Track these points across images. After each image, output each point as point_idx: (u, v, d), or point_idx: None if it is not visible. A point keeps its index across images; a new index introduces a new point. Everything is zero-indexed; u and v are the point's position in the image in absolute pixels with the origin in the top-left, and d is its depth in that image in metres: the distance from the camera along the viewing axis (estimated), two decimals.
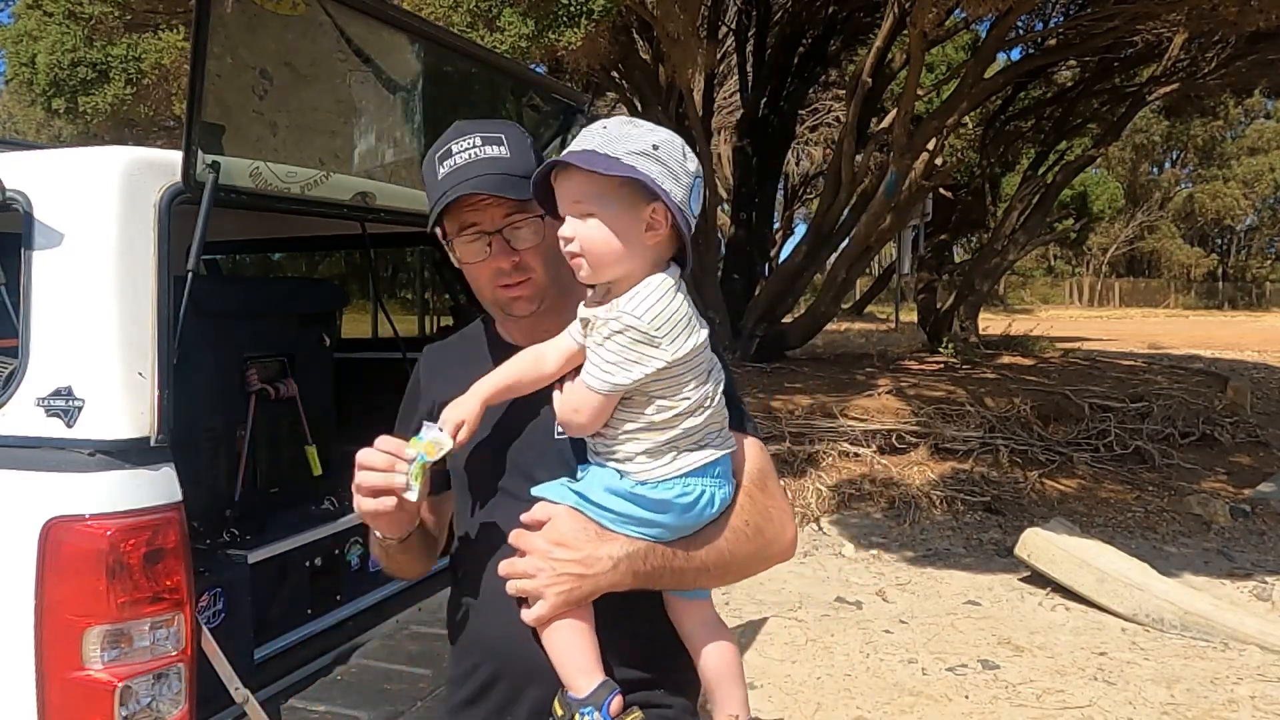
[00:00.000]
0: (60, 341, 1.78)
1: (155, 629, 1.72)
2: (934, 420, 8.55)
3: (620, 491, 1.40)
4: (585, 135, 1.36)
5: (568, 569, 1.40)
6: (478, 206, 1.50)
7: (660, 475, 1.39)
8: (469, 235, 1.52)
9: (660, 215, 1.35)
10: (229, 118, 2.09)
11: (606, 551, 1.41)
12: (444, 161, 1.51)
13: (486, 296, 1.58)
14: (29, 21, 10.20)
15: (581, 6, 6.24)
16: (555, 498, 1.45)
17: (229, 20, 2.00)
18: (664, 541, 1.43)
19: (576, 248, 1.35)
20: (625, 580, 1.41)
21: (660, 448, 1.39)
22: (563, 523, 1.41)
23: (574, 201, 1.35)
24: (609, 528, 1.42)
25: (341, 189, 2.27)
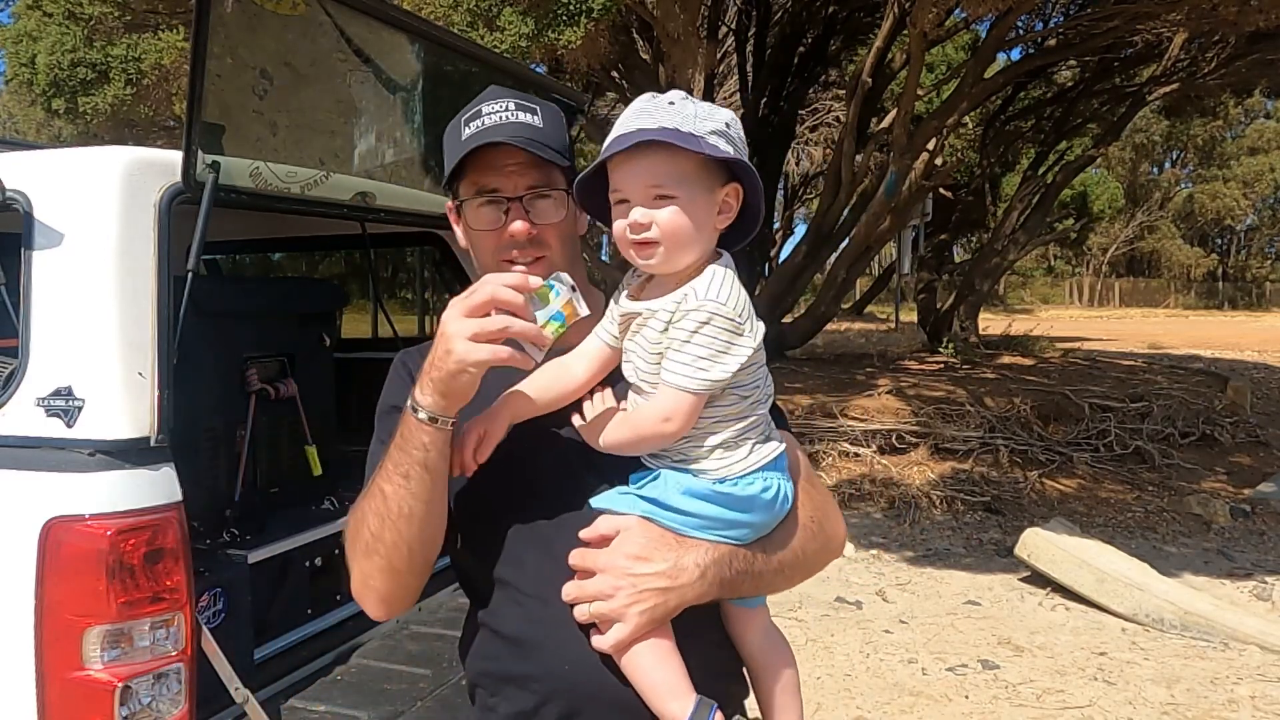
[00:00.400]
0: (60, 341, 1.78)
1: (155, 629, 1.72)
2: (934, 420, 8.55)
3: (702, 493, 1.29)
4: (653, 112, 1.24)
5: (650, 584, 1.27)
6: (502, 170, 1.38)
7: (740, 470, 1.29)
8: (485, 198, 1.40)
9: (734, 198, 1.28)
10: (229, 118, 2.09)
11: (692, 559, 1.28)
12: (471, 122, 1.40)
13: (490, 270, 1.38)
14: (29, 21, 10.20)
15: (581, 6, 6.25)
16: (623, 508, 1.31)
17: (229, 20, 2.00)
18: (744, 544, 1.32)
19: (654, 234, 1.23)
20: (711, 590, 1.30)
21: (736, 440, 1.30)
22: (636, 534, 1.29)
23: (651, 184, 1.23)
24: (689, 534, 1.30)
25: (341, 189, 2.27)
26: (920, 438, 8.33)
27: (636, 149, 1.21)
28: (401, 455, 1.27)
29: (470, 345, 1.17)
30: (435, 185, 2.75)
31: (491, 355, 1.17)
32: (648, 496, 1.30)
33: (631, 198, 1.24)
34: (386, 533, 1.30)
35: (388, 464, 1.28)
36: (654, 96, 1.27)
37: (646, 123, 1.22)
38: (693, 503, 1.29)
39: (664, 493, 1.29)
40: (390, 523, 1.29)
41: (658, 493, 1.30)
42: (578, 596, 1.29)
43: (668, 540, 1.28)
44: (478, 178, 1.40)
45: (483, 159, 1.37)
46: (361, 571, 1.36)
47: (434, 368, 1.22)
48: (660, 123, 1.21)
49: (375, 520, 1.31)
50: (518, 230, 1.38)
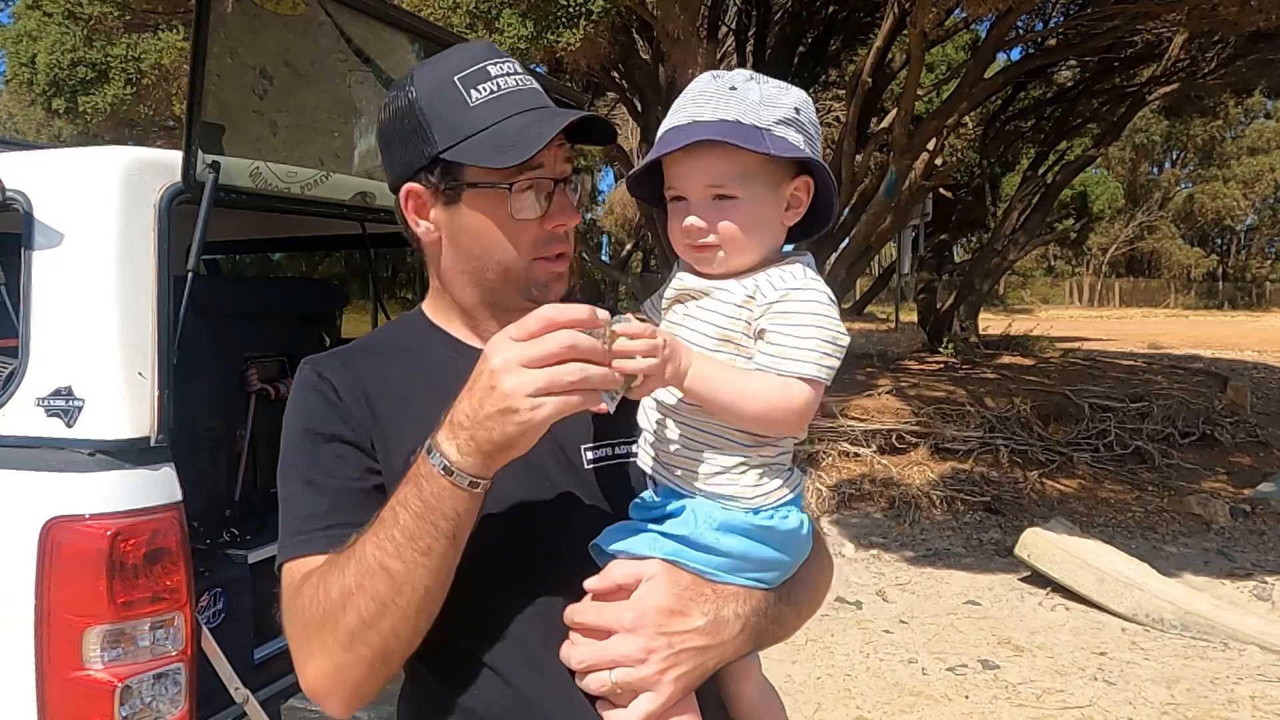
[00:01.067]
0: (60, 341, 1.78)
1: (155, 629, 1.72)
2: (934, 420, 8.55)
3: (741, 528, 1.09)
4: (712, 99, 1.09)
5: (688, 643, 1.06)
6: (549, 147, 1.14)
7: (776, 499, 1.11)
8: (526, 181, 1.15)
9: (804, 192, 1.14)
10: (229, 118, 2.09)
11: (732, 610, 1.09)
12: (479, 84, 1.14)
13: (510, 272, 1.18)
14: (29, 21, 10.21)
15: (581, 7, 6.24)
16: (641, 549, 1.09)
17: (229, 20, 2.00)
18: (773, 587, 1.14)
19: (714, 239, 1.10)
20: (748, 644, 1.12)
21: (774, 463, 1.13)
22: (665, 582, 1.07)
23: (710, 184, 1.10)
24: (719, 578, 1.09)
25: (341, 189, 2.27)
26: (920, 438, 8.33)
27: (694, 144, 1.07)
28: (421, 525, 1.00)
29: (536, 403, 0.94)
30: None
31: (561, 408, 0.95)
32: (674, 534, 1.09)
33: (689, 196, 1.12)
34: (389, 619, 1.03)
35: (394, 534, 1.01)
36: (716, 76, 1.12)
37: (704, 113, 1.09)
38: (730, 540, 1.09)
39: (694, 529, 1.08)
40: (399, 608, 1.02)
41: (687, 529, 1.09)
42: (594, 663, 1.06)
43: (701, 589, 1.08)
44: None
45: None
46: (335, 664, 1.06)
47: (481, 426, 0.96)
48: (719, 114, 1.08)
49: (372, 605, 1.02)
50: (571, 220, 1.17)
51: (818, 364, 1.05)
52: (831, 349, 1.06)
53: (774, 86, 1.11)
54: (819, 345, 1.05)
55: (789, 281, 1.08)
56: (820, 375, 1.06)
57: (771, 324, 1.07)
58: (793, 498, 1.14)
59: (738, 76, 1.11)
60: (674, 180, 1.13)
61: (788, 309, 1.06)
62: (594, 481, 1.17)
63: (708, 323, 1.11)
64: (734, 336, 1.09)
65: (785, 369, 1.05)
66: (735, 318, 1.09)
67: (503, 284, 1.19)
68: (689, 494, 1.11)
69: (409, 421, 1.15)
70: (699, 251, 1.12)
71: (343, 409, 1.17)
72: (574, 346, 0.95)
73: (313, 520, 1.14)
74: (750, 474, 1.10)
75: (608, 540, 1.12)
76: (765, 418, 1.07)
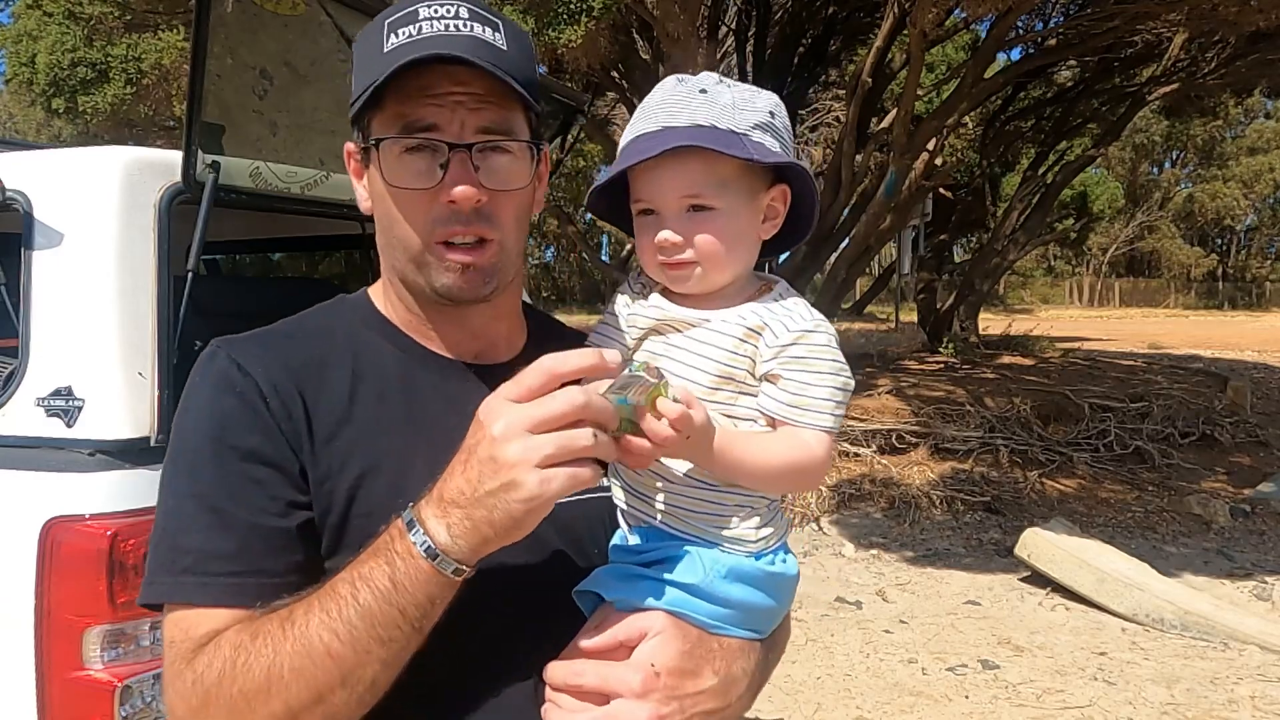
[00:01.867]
0: (60, 341, 1.78)
1: (155, 629, 1.72)
2: (934, 420, 8.55)
3: (752, 575, 1.02)
4: (682, 103, 1.01)
5: (700, 705, 0.95)
6: (445, 100, 0.95)
7: (774, 543, 1.05)
8: (416, 139, 0.96)
9: (781, 201, 1.07)
10: (229, 118, 2.09)
11: (741, 666, 0.99)
12: (399, 29, 0.96)
13: (412, 252, 1.00)
14: (29, 21, 10.21)
15: (581, 5, 6.25)
16: (645, 599, 0.97)
17: (229, 20, 2.00)
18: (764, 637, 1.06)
19: (690, 254, 1.02)
20: (748, 705, 1.02)
21: (771, 504, 1.05)
22: (673, 639, 0.96)
23: (685, 195, 1.01)
24: (723, 630, 1.00)
25: (341, 189, 2.27)
26: (920, 438, 8.34)
27: (668, 152, 0.97)
28: (385, 610, 0.84)
29: (545, 475, 0.80)
30: None
31: (573, 483, 0.82)
32: (679, 582, 0.98)
33: (660, 209, 1.02)
34: (322, 710, 0.86)
35: (349, 615, 0.84)
36: (682, 80, 1.03)
37: (675, 118, 1.00)
38: (740, 590, 1.00)
39: (703, 577, 0.99)
40: (339, 701, 0.86)
41: (695, 577, 0.98)
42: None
43: (708, 644, 0.98)
44: (405, 108, 0.96)
45: (416, 83, 0.95)
46: None
47: (479, 505, 0.82)
48: (693, 119, 0.99)
49: (305, 694, 0.85)
50: (462, 195, 0.95)
51: (833, 414, 1.01)
52: (844, 396, 1.02)
53: (745, 90, 1.04)
54: (833, 395, 1.01)
55: (800, 323, 1.01)
56: (835, 427, 1.01)
57: (786, 370, 1.00)
58: (783, 540, 1.08)
59: (706, 79, 1.04)
60: (644, 192, 1.03)
61: (802, 354, 1.00)
62: (565, 521, 0.97)
63: (705, 357, 1.01)
64: (736, 375, 1.01)
65: (805, 421, 1.00)
66: (738, 353, 1.01)
67: (412, 268, 1.01)
68: (682, 535, 1.02)
69: (350, 437, 0.97)
70: (674, 269, 1.03)
71: (266, 419, 0.95)
72: (587, 406, 0.81)
73: (214, 562, 0.92)
74: (754, 517, 1.03)
75: (598, 586, 1.00)
76: (790, 479, 1.03)
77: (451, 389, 1.04)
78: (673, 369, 1.01)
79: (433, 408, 1.02)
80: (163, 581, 0.95)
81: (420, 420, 1.01)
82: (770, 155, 1.01)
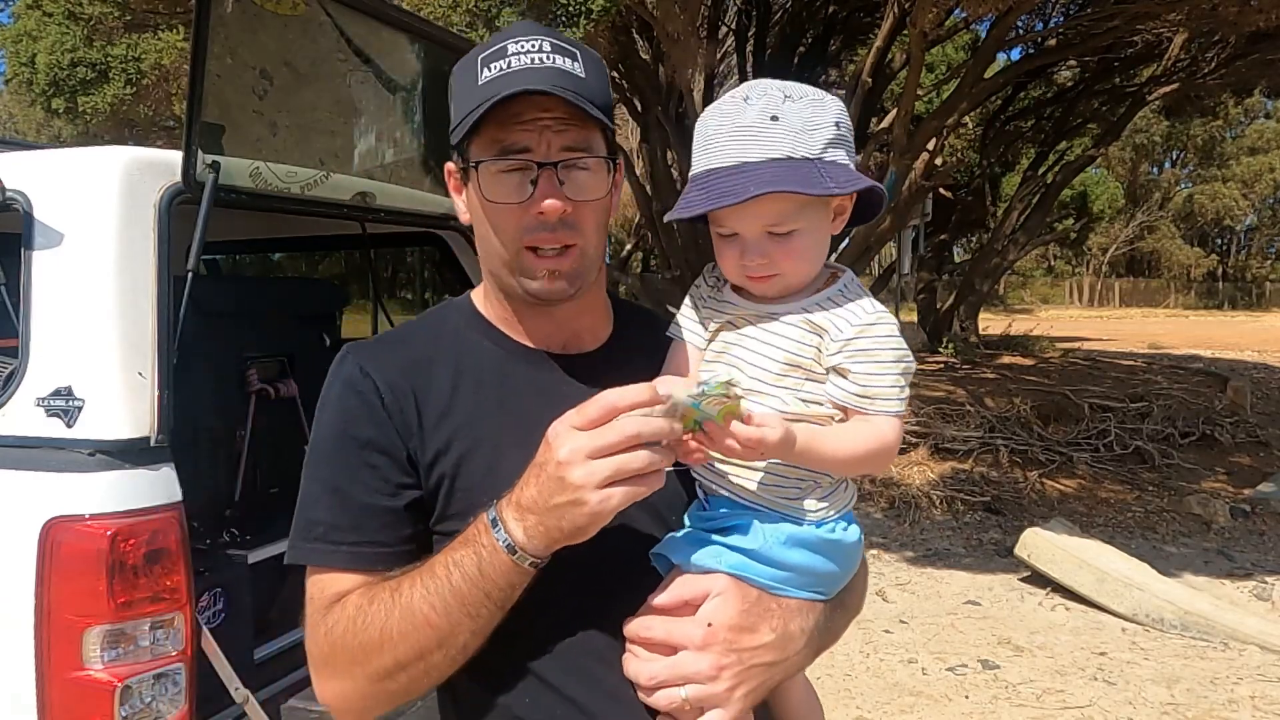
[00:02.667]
0: (60, 341, 1.78)
1: (155, 629, 1.72)
2: (934, 420, 8.55)
3: (810, 542, 1.10)
4: (754, 133, 1.05)
5: (758, 659, 1.06)
6: (533, 125, 1.08)
7: (836, 513, 1.13)
8: (510, 163, 1.09)
9: (849, 202, 1.14)
10: (229, 118, 2.09)
11: (798, 625, 1.09)
12: (492, 63, 1.09)
13: (505, 258, 1.14)
14: (29, 21, 10.21)
15: (580, 6, 6.25)
16: (710, 562, 1.09)
17: (229, 20, 2.00)
18: (829, 599, 1.15)
19: (773, 269, 1.10)
20: (809, 659, 1.13)
21: (834, 480, 1.14)
22: (734, 598, 1.07)
23: (768, 225, 1.08)
24: (785, 592, 1.10)
25: (341, 189, 2.28)
26: (920, 438, 8.33)
27: None
28: (473, 591, 1.00)
29: (604, 494, 0.94)
30: (435, 185, 2.75)
31: (629, 497, 0.95)
32: (740, 548, 1.08)
33: (745, 234, 1.09)
34: (424, 665, 1.05)
35: (445, 593, 1.02)
36: (747, 102, 1.07)
37: (750, 151, 1.05)
38: (798, 554, 1.09)
39: (764, 543, 1.08)
40: (437, 659, 1.04)
41: (755, 543, 1.08)
42: (666, 679, 1.05)
43: (767, 604, 1.08)
44: (500, 134, 1.09)
45: (508, 111, 1.08)
46: (361, 693, 1.09)
47: (549, 514, 0.96)
48: (768, 152, 1.04)
49: (410, 653, 1.04)
50: (550, 208, 1.08)
51: (899, 399, 1.09)
52: (906, 380, 1.09)
53: (811, 102, 1.08)
54: (897, 380, 1.08)
55: (863, 316, 1.08)
56: (903, 409, 1.09)
57: (853, 363, 1.07)
58: (849, 510, 1.16)
59: (772, 96, 1.07)
60: (725, 221, 1.10)
61: (867, 347, 1.07)
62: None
63: (773, 346, 1.10)
64: (803, 363, 1.10)
65: (875, 409, 1.08)
66: (804, 343, 1.09)
67: (506, 272, 1.15)
68: (751, 505, 1.10)
69: (452, 424, 1.14)
70: (760, 282, 1.11)
71: (381, 415, 1.13)
72: (638, 435, 0.94)
73: (336, 532, 1.12)
74: (817, 489, 1.11)
75: (670, 550, 1.11)
76: (867, 464, 1.11)
77: (540, 378, 1.19)
78: (744, 358, 1.11)
79: (524, 395, 1.17)
80: (299, 547, 1.16)
81: (512, 407, 1.16)
82: (847, 182, 1.06)
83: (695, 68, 8.83)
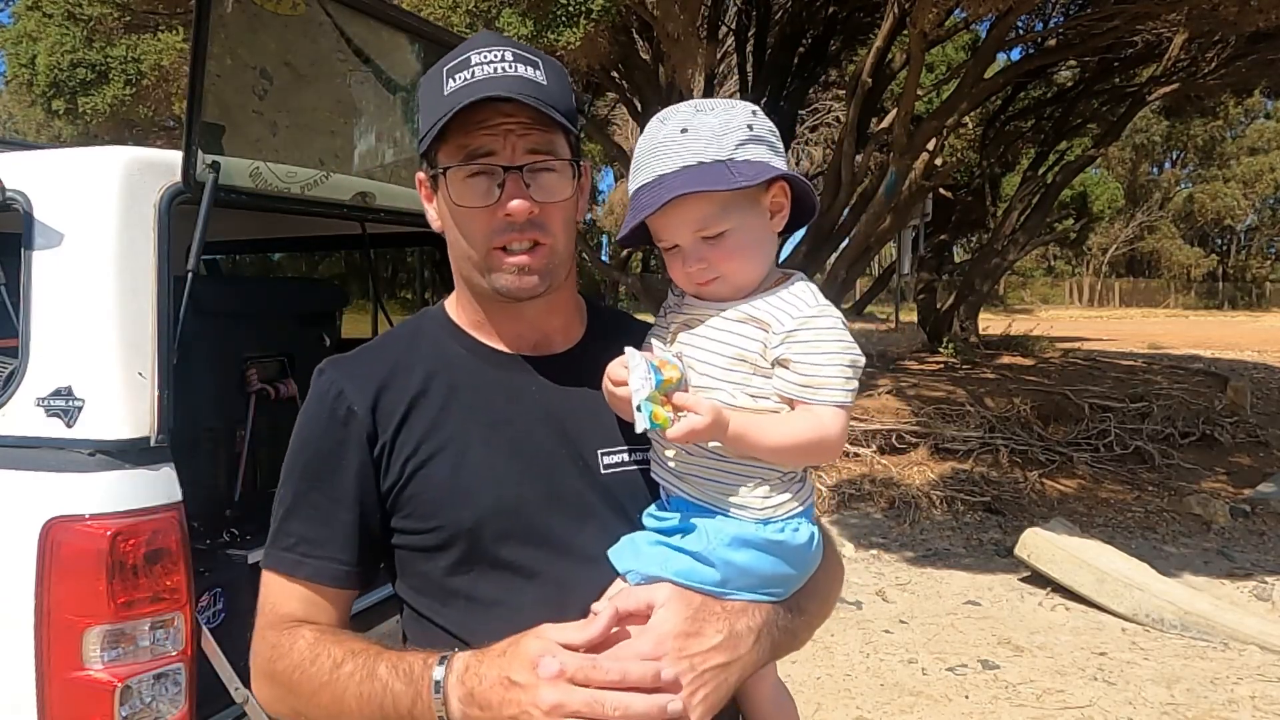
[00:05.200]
0: (60, 341, 1.78)
1: (155, 629, 1.72)
2: (934, 420, 8.55)
3: (755, 542, 1.12)
4: (668, 149, 1.12)
5: (710, 661, 1.06)
6: (497, 130, 1.12)
7: (785, 512, 1.14)
8: (476, 166, 1.13)
9: (783, 195, 1.18)
10: (229, 118, 2.09)
11: (745, 624, 1.10)
12: (456, 74, 1.13)
13: (475, 259, 1.17)
14: (29, 22, 10.21)
15: (580, 6, 6.24)
16: (653, 565, 1.11)
17: (229, 20, 2.00)
18: (783, 600, 1.16)
19: (715, 273, 1.14)
20: (765, 656, 1.13)
21: (785, 475, 1.15)
22: (678, 605, 1.09)
23: (695, 230, 1.13)
24: (729, 596, 1.11)
25: (341, 189, 2.28)
26: (920, 438, 8.34)
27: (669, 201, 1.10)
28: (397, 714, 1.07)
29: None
30: None
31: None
32: (686, 549, 1.11)
33: (681, 244, 1.15)
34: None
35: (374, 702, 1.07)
36: (664, 121, 1.15)
37: (664, 164, 1.12)
38: (743, 554, 1.11)
39: (707, 545, 1.10)
40: None
41: (699, 545, 1.11)
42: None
43: (711, 607, 1.10)
44: (466, 140, 1.13)
45: (472, 118, 1.11)
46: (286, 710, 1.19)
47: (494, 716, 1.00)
48: (680, 162, 1.11)
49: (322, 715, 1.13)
50: (516, 209, 1.12)
51: (844, 389, 1.11)
52: (853, 372, 1.12)
53: (722, 108, 1.14)
54: (842, 371, 1.10)
55: (803, 309, 1.12)
56: (848, 400, 1.11)
57: (794, 353, 1.10)
58: (803, 510, 1.16)
59: (683, 113, 1.14)
60: (661, 234, 1.16)
61: (807, 338, 1.10)
62: (610, 488, 1.19)
63: (719, 342, 1.14)
64: (749, 357, 1.13)
65: (816, 398, 1.10)
66: (749, 338, 1.13)
67: (477, 274, 1.19)
68: (700, 505, 1.13)
69: (422, 425, 1.18)
70: (707, 286, 1.15)
71: (354, 429, 1.18)
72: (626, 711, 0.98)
73: (305, 546, 1.19)
74: (762, 486, 1.13)
75: (619, 556, 1.14)
76: (808, 453, 1.13)
77: (510, 379, 1.22)
78: (695, 355, 1.15)
79: (493, 397, 1.21)
80: (272, 554, 1.22)
81: (480, 408, 1.19)
82: (757, 173, 1.11)
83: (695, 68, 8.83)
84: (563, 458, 1.18)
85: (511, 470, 1.16)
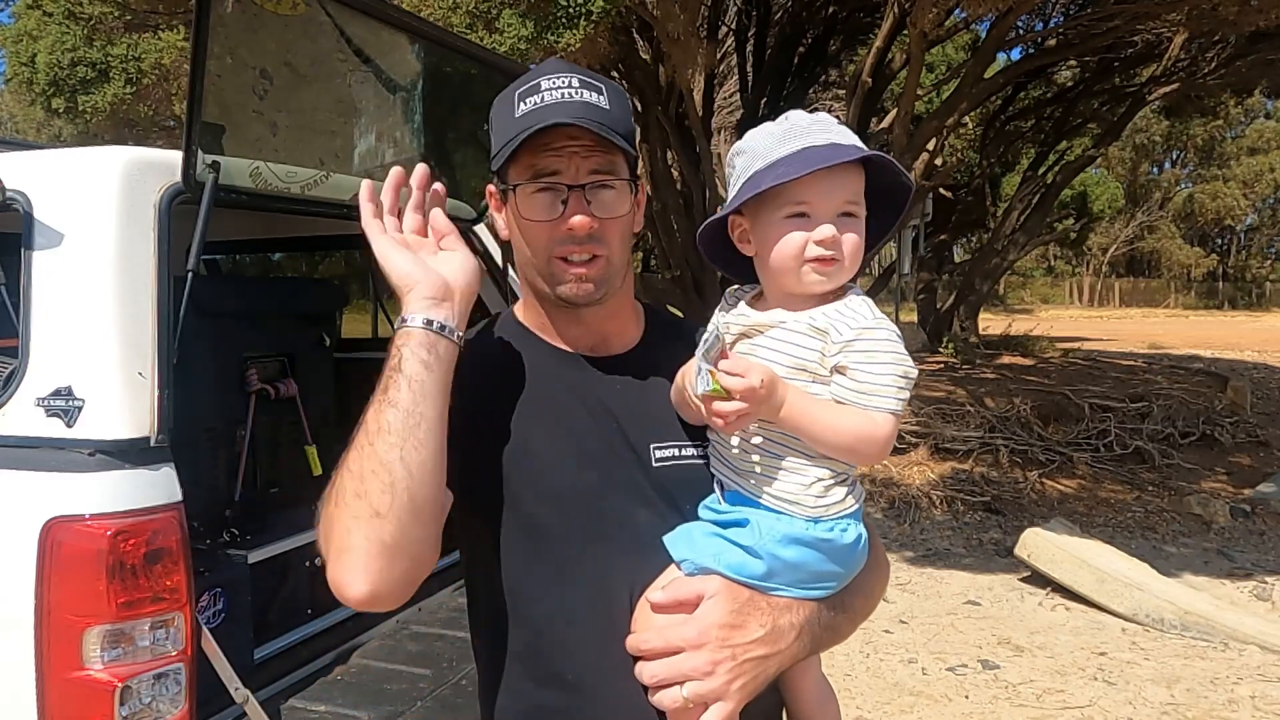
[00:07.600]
0: (60, 341, 1.78)
1: (155, 629, 1.72)
2: (934, 420, 8.55)
3: (805, 540, 1.17)
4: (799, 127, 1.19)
5: (751, 653, 1.15)
6: (563, 152, 1.22)
7: (837, 512, 1.19)
8: (542, 184, 1.23)
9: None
10: (229, 118, 2.09)
11: (788, 620, 1.18)
12: (527, 98, 1.23)
13: (538, 268, 1.28)
14: (29, 21, 10.21)
15: (580, 7, 6.24)
16: (706, 556, 1.18)
17: (229, 20, 2.00)
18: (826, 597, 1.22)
19: (842, 252, 1.19)
20: (805, 651, 1.20)
21: (839, 475, 1.20)
22: (725, 598, 1.16)
23: (846, 201, 1.19)
24: (777, 591, 1.18)
25: (341, 189, 2.27)
26: (920, 438, 8.33)
27: (833, 165, 1.15)
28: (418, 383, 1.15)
29: None
30: None
31: None
32: (740, 542, 1.17)
33: (818, 214, 1.18)
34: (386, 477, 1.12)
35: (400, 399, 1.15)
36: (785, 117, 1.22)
37: (841, 137, 1.18)
38: (791, 550, 1.16)
39: (759, 540, 1.16)
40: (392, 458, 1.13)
41: (752, 539, 1.16)
42: (665, 678, 1.14)
43: (757, 602, 1.17)
44: (535, 160, 1.23)
45: (541, 140, 1.22)
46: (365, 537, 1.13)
47: None
48: (852, 140, 1.18)
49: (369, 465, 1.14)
50: (578, 224, 1.21)
51: (896, 398, 1.15)
52: (906, 383, 1.16)
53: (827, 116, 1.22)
54: (895, 380, 1.15)
55: (861, 320, 1.17)
56: (899, 408, 1.16)
57: (851, 362, 1.15)
58: (852, 511, 1.21)
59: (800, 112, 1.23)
60: (809, 196, 1.18)
61: (866, 348, 1.15)
62: (661, 480, 1.26)
63: (781, 351, 1.19)
64: (809, 366, 1.18)
65: (870, 404, 1.15)
66: (809, 348, 1.18)
67: (540, 280, 1.28)
68: (754, 499, 1.19)
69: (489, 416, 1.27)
70: (822, 264, 1.18)
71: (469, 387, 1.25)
72: None
73: None
74: (816, 485, 1.18)
75: (674, 544, 1.20)
76: (853, 448, 1.16)
77: (571, 376, 1.31)
78: None
79: (554, 392, 1.30)
80: None
81: (542, 401, 1.29)
82: (908, 177, 1.23)
83: (695, 68, 8.83)
84: (618, 448, 1.26)
85: (570, 456, 1.25)
